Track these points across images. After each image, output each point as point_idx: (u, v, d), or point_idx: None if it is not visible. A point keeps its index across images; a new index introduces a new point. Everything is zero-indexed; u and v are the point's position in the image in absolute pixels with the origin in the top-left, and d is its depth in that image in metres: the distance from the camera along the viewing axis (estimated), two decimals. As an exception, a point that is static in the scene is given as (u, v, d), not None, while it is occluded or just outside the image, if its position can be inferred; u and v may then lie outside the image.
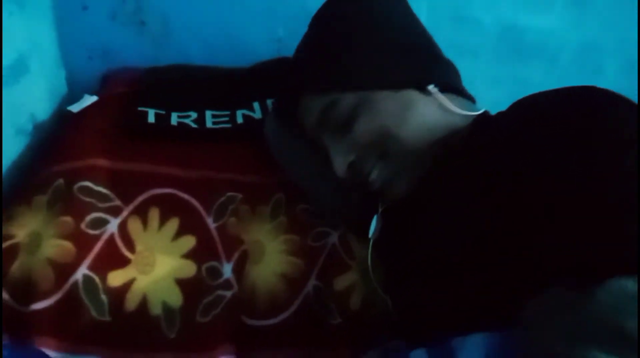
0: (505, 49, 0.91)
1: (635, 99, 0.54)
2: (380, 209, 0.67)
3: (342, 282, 0.66)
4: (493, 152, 0.52)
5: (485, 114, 0.63)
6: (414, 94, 0.61)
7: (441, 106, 0.61)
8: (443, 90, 0.62)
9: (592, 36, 0.92)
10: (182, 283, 0.61)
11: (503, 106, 0.72)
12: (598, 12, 0.89)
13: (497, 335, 0.40)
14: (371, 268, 0.66)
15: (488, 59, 0.91)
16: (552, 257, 0.39)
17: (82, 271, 0.58)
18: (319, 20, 0.69)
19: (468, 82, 0.70)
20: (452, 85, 0.64)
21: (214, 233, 0.65)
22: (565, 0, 0.88)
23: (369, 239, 0.66)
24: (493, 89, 0.76)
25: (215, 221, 0.66)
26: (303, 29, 0.86)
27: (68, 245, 0.58)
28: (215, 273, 0.62)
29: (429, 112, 0.60)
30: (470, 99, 0.67)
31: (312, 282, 0.65)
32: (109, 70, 0.88)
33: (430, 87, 0.61)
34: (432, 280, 0.54)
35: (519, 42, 0.91)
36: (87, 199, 0.62)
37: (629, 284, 0.32)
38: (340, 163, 0.61)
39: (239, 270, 0.63)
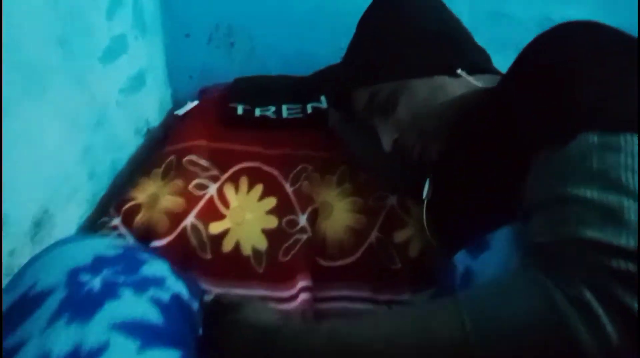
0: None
1: None
2: (429, 176, 0.77)
3: (401, 235, 0.76)
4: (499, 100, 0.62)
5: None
6: (444, 79, 0.70)
7: (469, 86, 0.70)
8: (472, 72, 0.71)
9: (625, 22, 0.97)
10: (267, 232, 0.75)
11: None
12: (629, 1, 0.95)
13: (519, 224, 0.49)
14: (426, 224, 0.75)
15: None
16: (537, 131, 0.49)
17: (190, 219, 0.73)
18: (361, 24, 0.83)
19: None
20: (480, 66, 0.74)
21: (291, 195, 0.79)
22: None
23: (423, 200, 0.76)
24: None
25: (291, 185, 0.80)
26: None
27: (179, 199, 0.75)
28: (293, 223, 0.76)
29: (458, 92, 0.69)
30: (500, 75, 0.77)
31: (375, 234, 0.76)
32: (204, 86, 1.08)
33: (459, 71, 0.70)
34: (466, 194, 0.64)
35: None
36: (193, 169, 0.79)
37: (594, 137, 0.42)
38: (386, 141, 0.73)
39: (312, 220, 0.76)
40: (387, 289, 0.72)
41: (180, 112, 0.97)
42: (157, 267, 0.49)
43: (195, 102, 0.98)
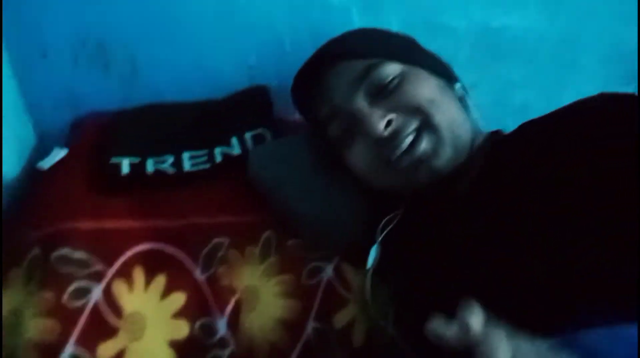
0: (483, 52, 0.89)
1: (613, 88, 0.55)
2: (379, 239, 0.65)
3: (342, 318, 0.65)
4: (520, 167, 0.54)
5: (498, 131, 0.66)
6: (446, 85, 0.64)
7: (462, 108, 0.64)
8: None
9: (567, 31, 0.90)
10: (176, 345, 0.58)
11: (486, 108, 0.71)
12: (572, 6, 0.88)
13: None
14: (370, 299, 0.64)
15: (465, 63, 0.88)
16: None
17: (69, 350, 0.55)
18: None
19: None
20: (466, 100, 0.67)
21: (204, 285, 0.62)
22: None
23: (367, 270, 0.64)
24: (474, 92, 0.74)
25: (203, 272, 0.63)
26: (274, 55, 0.84)
27: (51, 322, 0.55)
28: (210, 330, 0.60)
29: (456, 106, 0.63)
30: None
31: (311, 324, 0.63)
32: (77, 117, 0.84)
33: (457, 86, 0.66)
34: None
35: (495, 44, 0.89)
36: (66, 270, 0.59)
37: None
38: (379, 116, 0.59)
39: (234, 324, 0.60)
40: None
41: (45, 165, 0.74)
42: None
43: (64, 152, 0.75)
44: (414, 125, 0.59)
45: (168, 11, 0.78)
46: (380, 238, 0.65)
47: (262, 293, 0.64)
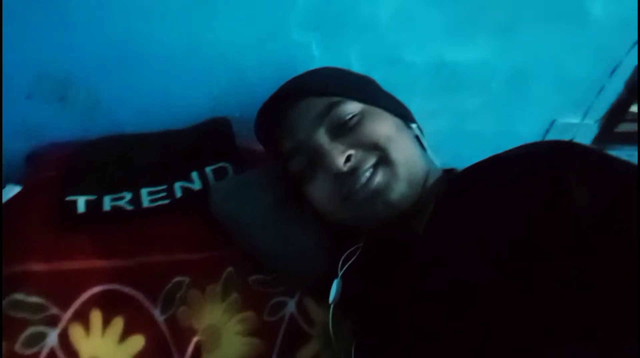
0: (439, 84, 0.92)
1: (563, 115, 0.57)
2: (340, 273, 0.66)
3: (305, 354, 0.65)
4: (478, 203, 0.55)
5: (452, 170, 0.67)
6: (403, 124, 0.67)
7: (418, 147, 0.66)
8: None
9: (518, 62, 0.94)
10: (136, 391, 0.57)
11: (444, 135, 0.73)
12: (521, 39, 0.91)
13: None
14: (333, 334, 0.64)
15: (423, 94, 0.92)
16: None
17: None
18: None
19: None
20: (421, 139, 0.69)
21: (163, 327, 0.62)
22: (488, 32, 0.89)
23: (330, 304, 0.65)
24: (432, 120, 0.77)
25: (163, 313, 0.62)
26: (237, 87, 0.84)
27: (3, 373, 0.54)
28: (170, 373, 0.59)
29: (412, 144, 0.65)
30: None
31: (274, 362, 0.63)
32: (34, 148, 0.82)
33: (414, 126, 0.69)
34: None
35: (450, 77, 0.92)
36: (20, 315, 0.57)
37: None
38: (339, 152, 0.60)
39: (195, 365, 0.60)
40: None
41: (-2, 202, 0.72)
42: None
43: (17, 189, 0.72)
44: (372, 161, 0.61)
45: (131, 43, 0.77)
46: (341, 272, 0.66)
47: (223, 333, 0.64)
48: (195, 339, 0.62)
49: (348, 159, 0.60)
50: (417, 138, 0.68)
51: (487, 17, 0.87)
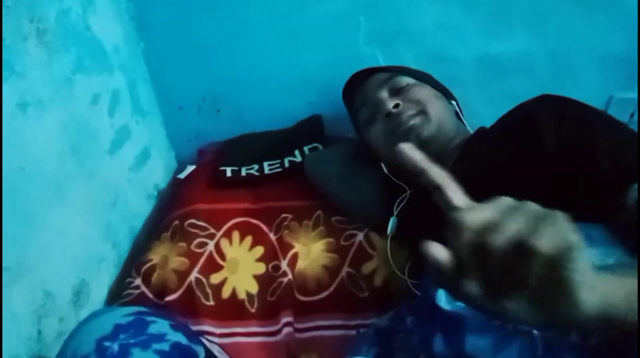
0: (486, 74, 1.12)
1: (613, 92, 0.71)
2: (395, 213, 0.92)
3: (367, 267, 0.91)
4: (487, 147, 0.78)
5: (481, 128, 0.91)
6: (444, 98, 0.93)
7: (453, 115, 0.91)
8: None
9: (556, 46, 1.08)
10: (257, 277, 0.92)
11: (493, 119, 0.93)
12: (553, 25, 1.05)
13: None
14: (390, 256, 0.90)
15: (476, 85, 1.13)
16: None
17: (194, 275, 0.91)
18: None
19: (465, 104, 0.99)
20: (459, 113, 0.95)
21: (275, 243, 0.95)
22: (521, 23, 1.06)
23: (387, 235, 0.91)
24: (488, 107, 0.95)
25: (275, 234, 0.96)
26: (326, 93, 1.18)
27: (184, 259, 0.93)
28: (277, 268, 0.92)
29: (446, 110, 0.90)
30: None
31: (346, 269, 0.91)
32: (202, 146, 1.26)
33: (453, 103, 0.96)
34: None
35: (496, 67, 1.11)
36: (194, 231, 0.97)
37: None
38: (392, 100, 0.89)
39: (292, 263, 0.92)
40: (357, 315, 0.88)
41: (182, 175, 1.15)
42: (159, 325, 0.65)
43: (193, 167, 1.16)
44: (413, 111, 0.87)
45: (254, 70, 1.18)
46: (396, 212, 0.92)
47: (312, 249, 0.95)
48: (292, 251, 0.94)
49: (397, 106, 0.88)
50: (456, 113, 0.93)
51: (517, 10, 1.05)
